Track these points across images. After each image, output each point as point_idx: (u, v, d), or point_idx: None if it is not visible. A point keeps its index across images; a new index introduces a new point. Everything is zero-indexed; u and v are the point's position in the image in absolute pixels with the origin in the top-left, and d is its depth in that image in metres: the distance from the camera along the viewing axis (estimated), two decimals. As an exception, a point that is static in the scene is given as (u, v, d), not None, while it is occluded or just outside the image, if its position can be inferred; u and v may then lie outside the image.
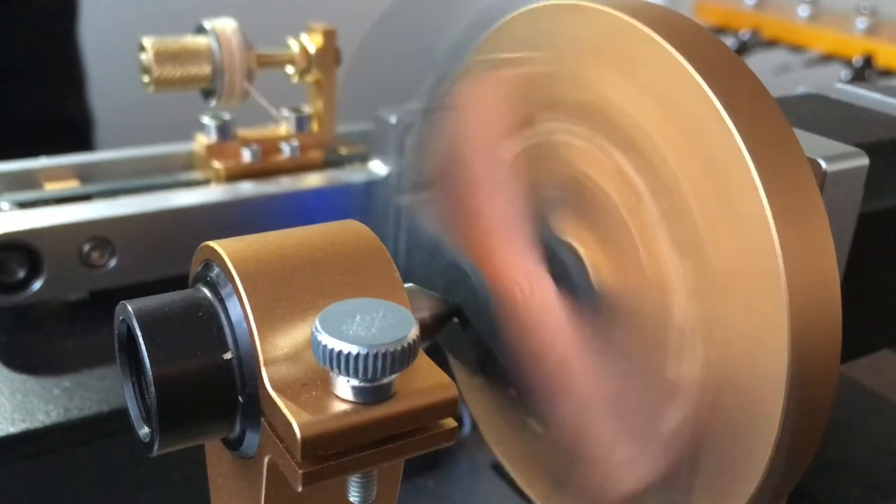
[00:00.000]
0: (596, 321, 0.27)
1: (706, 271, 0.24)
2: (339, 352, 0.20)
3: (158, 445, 0.22)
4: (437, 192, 0.34)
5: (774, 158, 0.22)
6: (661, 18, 0.24)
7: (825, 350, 0.22)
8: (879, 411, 0.41)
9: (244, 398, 0.22)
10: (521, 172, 0.30)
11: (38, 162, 0.42)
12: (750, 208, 0.22)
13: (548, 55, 0.28)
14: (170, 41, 0.41)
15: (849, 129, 0.31)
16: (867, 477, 0.36)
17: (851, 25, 0.89)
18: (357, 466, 0.21)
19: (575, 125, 0.27)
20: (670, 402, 0.25)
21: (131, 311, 0.22)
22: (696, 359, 0.24)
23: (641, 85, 0.25)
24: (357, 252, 0.24)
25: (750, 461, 0.23)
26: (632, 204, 0.25)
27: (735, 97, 0.23)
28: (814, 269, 0.22)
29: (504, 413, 0.32)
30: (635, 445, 0.26)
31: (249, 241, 0.23)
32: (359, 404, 0.20)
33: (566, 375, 0.27)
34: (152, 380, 0.21)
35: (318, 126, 0.46)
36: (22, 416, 0.33)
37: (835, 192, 0.26)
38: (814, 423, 0.23)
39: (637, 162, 0.25)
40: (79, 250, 0.38)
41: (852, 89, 0.36)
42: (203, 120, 0.44)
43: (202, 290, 0.23)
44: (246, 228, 0.24)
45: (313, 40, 0.44)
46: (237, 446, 0.23)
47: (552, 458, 0.30)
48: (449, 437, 0.22)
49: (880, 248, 0.30)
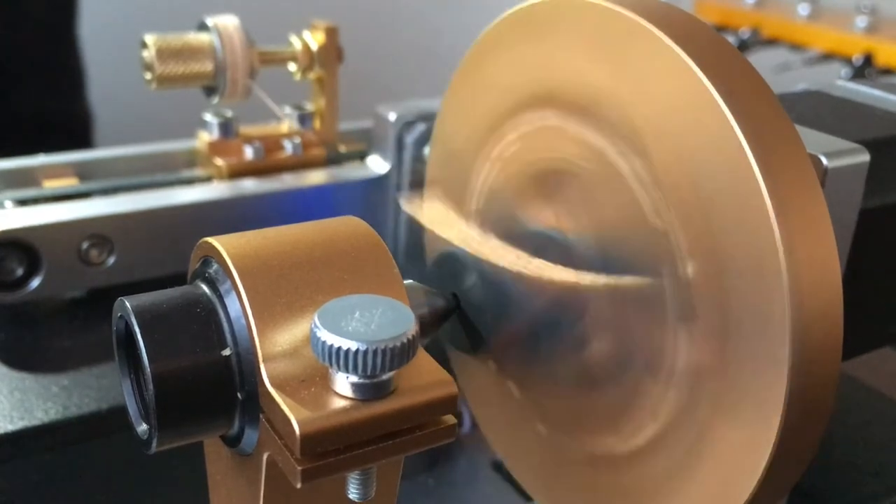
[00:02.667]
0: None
1: (707, 267, 0.23)
2: (338, 348, 0.20)
3: (157, 442, 0.22)
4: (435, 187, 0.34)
5: (775, 154, 0.22)
6: (662, 14, 0.24)
7: (826, 347, 0.22)
8: (880, 409, 0.41)
9: (243, 395, 0.22)
10: (510, 163, 0.30)
11: (37, 159, 0.42)
12: (751, 204, 0.22)
13: (546, 50, 0.28)
14: (172, 38, 0.41)
15: (850, 125, 0.31)
16: (867, 475, 0.36)
17: (851, 24, 0.89)
18: (356, 463, 0.21)
19: (571, 119, 0.27)
20: (666, 392, 0.25)
21: (129, 308, 0.22)
22: (695, 352, 0.24)
23: (642, 80, 0.24)
24: (356, 248, 0.24)
25: (750, 457, 0.23)
26: (628, 200, 0.25)
27: (736, 92, 0.22)
28: (815, 265, 0.22)
29: (504, 410, 0.32)
30: (631, 426, 0.26)
31: (248, 237, 0.23)
32: (358, 401, 0.20)
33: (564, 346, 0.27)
34: (151, 376, 0.21)
35: (320, 123, 0.46)
36: (20, 414, 0.33)
37: (836, 188, 0.26)
38: (814, 421, 0.23)
39: (635, 157, 0.25)
40: (77, 248, 0.38)
41: (853, 86, 0.36)
42: (205, 117, 0.44)
43: (201, 286, 0.23)
44: (248, 225, 0.24)
45: (315, 37, 0.44)
46: (236, 443, 0.23)
47: (551, 453, 0.30)
48: (448, 434, 0.22)
49: (881, 245, 0.30)
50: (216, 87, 0.42)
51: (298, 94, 0.47)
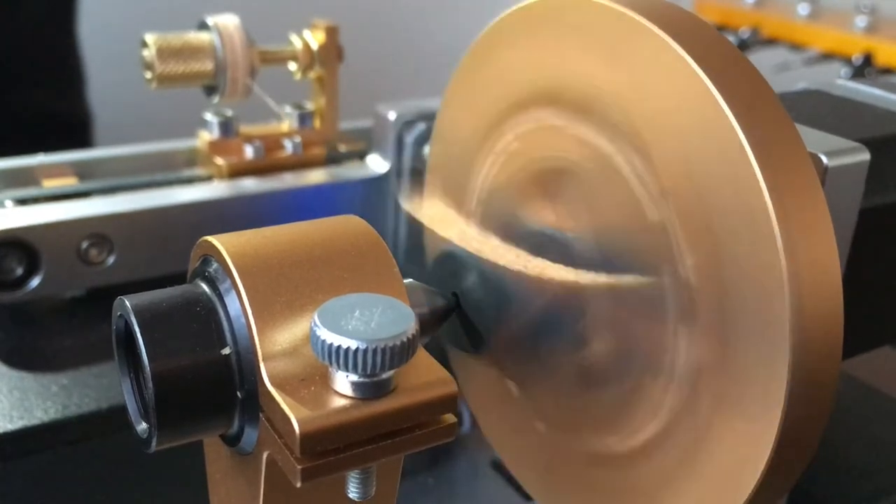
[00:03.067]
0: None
1: (707, 266, 0.23)
2: (338, 347, 0.20)
3: (156, 441, 0.22)
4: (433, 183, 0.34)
5: (776, 152, 0.22)
6: (662, 13, 0.24)
7: (826, 344, 0.22)
8: (880, 409, 0.41)
9: (243, 394, 0.22)
10: (510, 163, 0.30)
11: (36, 159, 0.42)
12: (751, 202, 0.22)
13: (545, 48, 0.28)
14: (172, 38, 0.41)
15: (850, 124, 0.31)
16: (866, 475, 0.36)
17: (851, 24, 0.89)
18: (356, 462, 0.21)
19: (571, 118, 0.27)
20: (666, 391, 0.25)
21: (129, 307, 0.22)
22: (696, 351, 0.24)
23: (642, 79, 0.24)
24: (356, 247, 0.24)
25: (750, 456, 0.23)
26: (628, 199, 0.25)
27: (736, 91, 0.22)
28: (815, 263, 0.22)
29: (504, 409, 0.32)
30: (632, 425, 0.26)
31: (248, 236, 0.23)
32: (358, 400, 0.20)
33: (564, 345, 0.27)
34: (150, 375, 0.21)
35: (320, 123, 0.46)
36: (20, 414, 0.33)
37: (836, 187, 0.26)
38: (814, 420, 0.23)
39: (635, 155, 0.25)
40: (77, 247, 0.38)
41: (853, 85, 0.36)
42: (206, 116, 0.44)
43: (200, 285, 0.23)
44: (248, 225, 0.24)
45: (316, 37, 0.44)
46: (236, 442, 0.23)
47: (551, 452, 0.30)
48: (448, 433, 0.22)
49: (881, 244, 0.30)
50: (216, 86, 0.42)
51: (299, 94, 0.47)
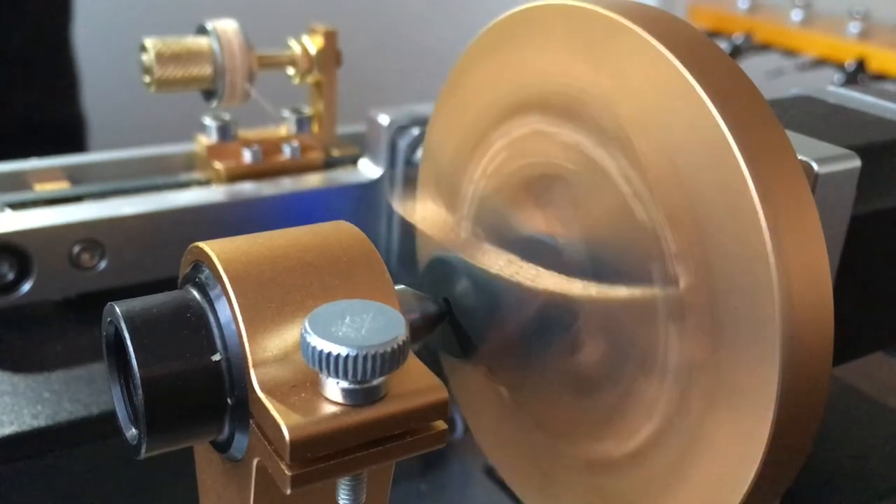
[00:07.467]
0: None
1: (696, 268, 0.23)
2: (328, 353, 0.20)
3: (146, 448, 0.22)
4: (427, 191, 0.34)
5: (766, 160, 0.22)
6: (641, 13, 0.24)
7: (817, 352, 0.22)
8: (871, 414, 0.41)
9: (233, 400, 0.22)
10: (499, 170, 0.30)
11: (28, 163, 0.42)
12: (741, 210, 0.22)
13: (528, 56, 0.28)
14: (171, 42, 0.41)
15: (841, 131, 0.31)
16: (858, 479, 0.36)
17: (844, 30, 0.89)
18: (346, 469, 0.21)
19: (557, 122, 0.27)
20: (660, 393, 0.25)
21: (119, 313, 0.21)
22: (687, 351, 0.24)
23: (624, 79, 0.25)
24: (347, 253, 0.24)
25: (744, 458, 0.23)
26: (616, 200, 0.25)
27: (726, 98, 0.22)
28: (806, 271, 0.22)
29: (497, 415, 0.32)
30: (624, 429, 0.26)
31: (239, 242, 0.23)
32: (348, 406, 0.20)
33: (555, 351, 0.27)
34: (140, 382, 0.21)
35: (318, 127, 0.46)
36: (10, 419, 0.33)
37: (827, 194, 0.26)
38: (805, 426, 0.23)
39: (622, 155, 0.25)
40: (69, 252, 0.38)
41: (845, 92, 0.36)
42: (204, 121, 0.44)
43: (191, 291, 0.23)
44: (246, 229, 0.24)
45: (314, 41, 0.44)
46: (226, 449, 0.23)
47: (544, 459, 0.30)
48: (439, 439, 0.22)
49: (872, 251, 0.30)
50: (215, 90, 0.42)
51: (297, 98, 0.47)
